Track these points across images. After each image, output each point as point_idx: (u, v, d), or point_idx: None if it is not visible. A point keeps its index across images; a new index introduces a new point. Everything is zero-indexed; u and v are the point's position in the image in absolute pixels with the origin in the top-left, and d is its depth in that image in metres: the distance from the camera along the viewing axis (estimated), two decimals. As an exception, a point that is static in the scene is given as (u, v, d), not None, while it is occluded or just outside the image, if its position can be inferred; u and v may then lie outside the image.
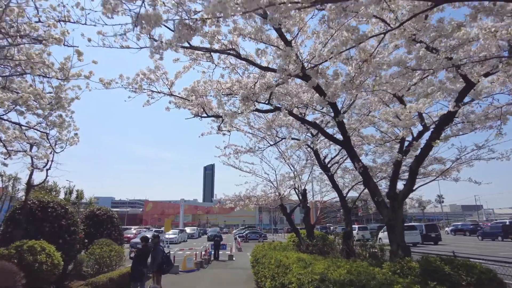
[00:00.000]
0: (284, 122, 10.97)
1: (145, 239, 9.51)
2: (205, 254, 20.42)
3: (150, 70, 7.48)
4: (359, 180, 11.76)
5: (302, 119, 7.71)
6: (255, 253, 13.00)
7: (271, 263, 8.83)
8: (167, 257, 9.64)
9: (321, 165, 10.93)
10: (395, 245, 6.62)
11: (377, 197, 6.92)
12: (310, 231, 12.59)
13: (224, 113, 6.47)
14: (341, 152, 11.12)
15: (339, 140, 7.37)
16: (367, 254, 8.69)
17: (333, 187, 11.17)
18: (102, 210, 14.98)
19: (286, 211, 13.69)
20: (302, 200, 13.01)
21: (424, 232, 35.01)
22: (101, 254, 11.85)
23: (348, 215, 10.49)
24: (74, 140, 8.77)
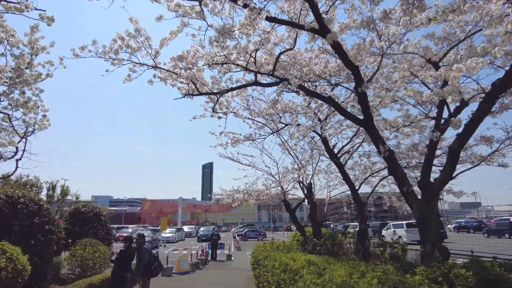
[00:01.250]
0: (288, 107, 9.70)
1: (128, 239, 8.25)
2: (201, 254, 19.14)
3: (130, 34, 6.17)
4: (372, 171, 10.53)
5: (314, 93, 6.43)
6: (255, 253, 11.74)
7: (275, 266, 7.57)
8: (155, 258, 8.38)
9: (330, 154, 9.67)
10: (430, 245, 5.38)
11: (406, 187, 5.67)
12: (317, 229, 11.34)
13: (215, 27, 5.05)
14: (352, 140, 9.88)
15: (358, 119, 6.13)
16: (388, 256, 7.45)
17: (343, 179, 9.91)
18: (88, 207, 13.68)
19: (289, 207, 12.44)
20: (307, 194, 11.75)
21: (429, 230, 33.92)
22: (83, 256, 10.58)
23: (362, 211, 9.27)
24: (44, 124, 7.46)
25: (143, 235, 8.58)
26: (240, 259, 20.79)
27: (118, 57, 6.60)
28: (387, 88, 6.58)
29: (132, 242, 8.30)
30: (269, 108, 9.68)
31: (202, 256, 18.77)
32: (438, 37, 5.49)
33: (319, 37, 5.73)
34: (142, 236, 8.53)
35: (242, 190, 11.60)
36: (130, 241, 8.23)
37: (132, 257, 8.10)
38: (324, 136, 9.38)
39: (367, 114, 5.79)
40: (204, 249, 19.64)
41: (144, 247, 8.19)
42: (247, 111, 9.81)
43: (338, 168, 9.68)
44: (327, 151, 9.72)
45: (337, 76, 6.57)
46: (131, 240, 8.29)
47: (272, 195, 11.76)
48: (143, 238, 8.46)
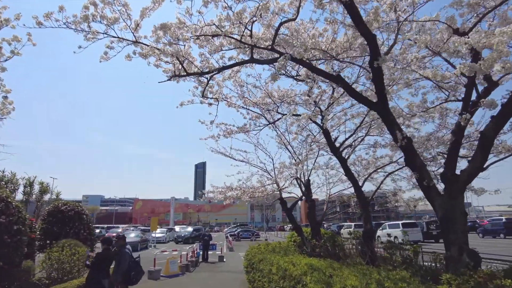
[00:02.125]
0: (286, 95, 8.84)
1: (106, 240, 7.31)
2: (192, 255, 18.20)
3: (104, 0, 5.24)
4: (376, 167, 9.71)
5: (321, 70, 5.56)
6: (249, 255, 10.87)
7: (273, 272, 6.70)
8: (136, 263, 7.43)
9: (332, 147, 8.83)
10: (457, 249, 4.56)
11: (427, 180, 4.85)
12: (316, 229, 10.51)
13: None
14: (355, 133, 9.04)
15: (371, 102, 5.29)
16: (400, 259, 6.63)
17: (346, 175, 9.09)
18: (69, 206, 12.66)
19: (286, 205, 11.58)
20: (305, 192, 10.92)
21: (425, 229, 33.36)
22: (60, 259, 9.60)
23: (366, 209, 8.45)
24: (6, 108, 6.47)
25: (124, 237, 7.63)
26: (233, 261, 19.89)
27: (92, 29, 5.67)
28: (403, 67, 5.76)
29: (111, 244, 7.34)
30: (265, 97, 8.82)
31: (192, 257, 17.84)
32: (467, 3, 4.69)
33: (327, 4, 4.89)
34: (123, 238, 7.58)
35: (235, 187, 10.71)
36: (108, 243, 7.28)
37: (110, 261, 7.17)
38: (326, 127, 8.55)
39: (382, 96, 4.96)
40: (195, 250, 18.70)
41: (125, 251, 7.24)
42: (241, 100, 8.94)
43: (341, 163, 8.85)
44: (329, 144, 8.89)
45: (347, 54, 5.72)
46: (110, 241, 7.34)
47: (268, 192, 10.90)
48: (123, 240, 7.51)
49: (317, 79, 7.00)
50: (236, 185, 10.76)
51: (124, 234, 8.19)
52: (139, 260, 7.62)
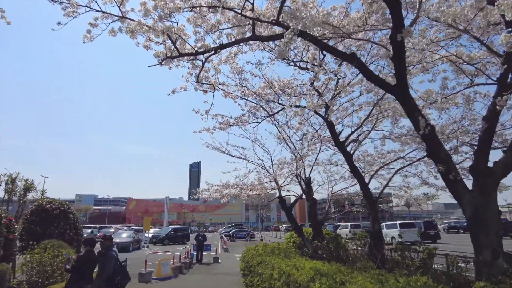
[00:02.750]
0: (287, 86, 8.20)
1: (89, 241, 6.61)
2: (186, 256, 17.48)
3: (83, -36, 4.55)
4: (382, 163, 9.08)
5: (332, 48, 4.90)
6: (246, 257, 10.23)
7: (274, 277, 6.05)
8: (122, 267, 6.72)
9: (337, 141, 8.20)
10: (490, 252, 3.96)
11: (453, 173, 4.24)
12: (317, 230, 9.89)
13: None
14: (362, 126, 8.38)
15: (389, 85, 4.66)
16: (417, 263, 5.99)
17: (351, 172, 8.46)
18: (54, 204, 11.89)
19: (285, 204, 10.95)
20: (306, 190, 10.28)
21: (422, 230, 32.91)
22: (41, 261, 8.86)
23: (374, 208, 7.84)
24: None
25: (110, 237, 6.90)
26: (228, 262, 19.20)
27: (71, 1, 4.97)
28: (422, 49, 5.14)
29: (94, 246, 6.64)
30: (265, 87, 8.17)
31: (186, 258, 17.12)
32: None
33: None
34: (109, 238, 6.85)
35: (232, 184, 10.04)
36: (91, 244, 6.58)
37: (93, 265, 6.45)
38: (330, 119, 7.92)
39: (402, 77, 4.34)
40: (189, 251, 17.98)
41: (110, 253, 6.53)
42: (239, 90, 8.26)
43: (346, 158, 8.23)
44: (333, 138, 8.25)
45: (362, 31, 5.08)
46: (93, 242, 6.65)
47: (267, 190, 10.24)
48: (109, 241, 6.79)
49: (323, 65, 6.37)
50: (232, 183, 10.12)
51: (111, 235, 7.47)
52: (125, 264, 6.91)
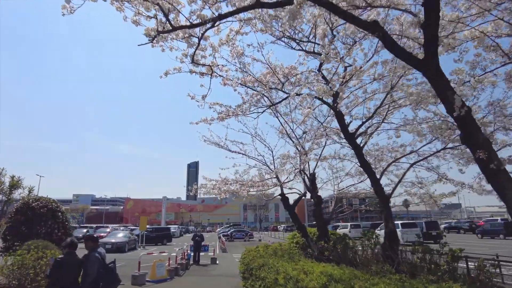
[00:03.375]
0: (291, 73, 7.49)
1: (71, 244, 5.89)
2: (182, 257, 16.75)
3: None
4: (394, 158, 8.34)
5: (350, 14, 4.17)
6: (246, 258, 9.52)
7: (279, 282, 5.35)
8: (109, 270, 5.99)
9: (346, 133, 7.49)
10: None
11: (495, 162, 3.57)
12: (323, 230, 9.20)
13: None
14: (374, 116, 7.64)
15: (417, 59, 3.96)
16: (445, 267, 5.27)
17: (361, 166, 7.75)
18: (41, 201, 11.16)
19: (288, 202, 10.26)
20: (311, 187, 9.59)
21: (424, 230, 32.34)
22: (22, 263, 8.13)
23: (387, 206, 7.14)
24: None
25: (93, 238, 6.17)
26: (226, 263, 18.50)
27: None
28: (454, 20, 4.46)
29: (76, 248, 5.94)
30: (267, 74, 7.47)
31: (183, 259, 16.39)
32: None
33: None
34: (91, 239, 6.12)
35: (231, 180, 9.33)
36: (72, 246, 5.87)
37: (74, 269, 5.74)
38: (339, 109, 7.23)
39: (433, 49, 3.66)
40: (186, 252, 17.25)
41: (93, 255, 5.81)
42: (238, 77, 7.55)
43: (356, 152, 7.54)
44: (342, 130, 7.55)
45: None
46: (74, 245, 5.92)
47: (269, 186, 9.53)
48: (93, 242, 6.06)
49: (335, 44, 5.69)
50: (232, 179, 9.42)
51: (94, 235, 6.73)
52: (113, 266, 6.19)
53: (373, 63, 6.43)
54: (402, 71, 5.97)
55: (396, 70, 5.87)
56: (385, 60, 6.05)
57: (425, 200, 8.27)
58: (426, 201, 8.24)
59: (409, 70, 5.99)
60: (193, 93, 6.54)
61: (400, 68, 5.79)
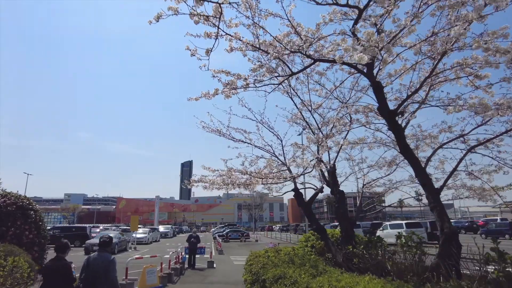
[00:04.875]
0: (319, 35, 5.90)
1: (61, 246, 5.17)
2: (176, 261, 15.09)
3: None
4: (441, 143, 6.75)
5: None
6: (254, 266, 7.93)
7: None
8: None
9: (385, 111, 5.88)
10: None
11: None
12: (348, 231, 7.64)
13: None
14: (419, 89, 6.05)
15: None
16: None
17: (402, 153, 6.16)
18: (9, 198, 9.43)
19: (302, 199, 8.69)
20: (330, 181, 8.01)
21: (429, 230, 31.06)
22: (-25, 274, 6.41)
23: (438, 200, 5.60)
24: None
25: (65, 245, 5.09)
26: (224, 267, 16.86)
27: None
28: None
29: (65, 251, 5.27)
30: (288, 33, 5.86)
31: (177, 264, 14.72)
32: None
33: None
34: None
35: (238, 171, 7.65)
36: (62, 249, 5.18)
37: (66, 276, 5.02)
38: (378, 79, 5.66)
39: None
40: (180, 255, 15.57)
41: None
42: (251, 36, 5.93)
43: (396, 135, 5.96)
44: (381, 107, 5.93)
45: None
46: (64, 247, 5.23)
47: (284, 178, 7.89)
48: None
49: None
50: (238, 169, 7.79)
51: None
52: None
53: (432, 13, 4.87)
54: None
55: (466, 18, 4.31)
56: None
57: (477, 193, 6.77)
58: (478, 194, 6.74)
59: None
60: (194, 48, 4.89)
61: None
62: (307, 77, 7.68)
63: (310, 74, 7.70)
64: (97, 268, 4.98)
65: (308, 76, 7.66)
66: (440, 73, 6.20)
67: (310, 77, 7.83)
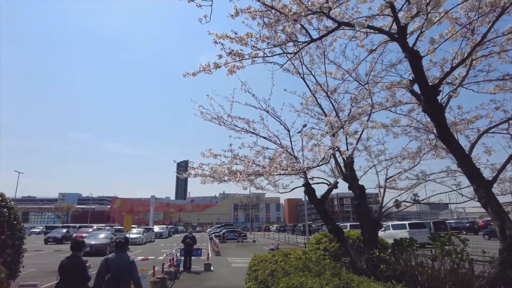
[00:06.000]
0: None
1: (77, 244, 5.21)
2: (170, 264, 13.94)
3: None
4: (488, 127, 5.67)
5: None
6: (260, 272, 6.85)
7: None
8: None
9: (424, 85, 4.77)
10: None
11: None
12: (371, 233, 6.57)
13: None
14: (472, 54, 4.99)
15: None
16: None
17: (440, 138, 5.04)
18: (-23, 194, 8.27)
19: (314, 195, 7.60)
20: (348, 175, 6.91)
21: (432, 231, 30.15)
22: None
23: (491, 193, 4.58)
24: None
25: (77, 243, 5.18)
26: (223, 270, 15.72)
27: None
28: None
29: (81, 249, 5.26)
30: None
31: (171, 267, 13.57)
32: None
33: None
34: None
35: (248, 159, 6.46)
36: (78, 248, 5.18)
37: (81, 274, 4.99)
38: (417, 48, 4.59)
39: None
40: (175, 258, 14.42)
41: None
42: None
43: (436, 114, 4.87)
44: (418, 80, 4.82)
45: None
46: (79, 245, 5.22)
47: (299, 168, 6.75)
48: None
49: None
50: (247, 156, 6.63)
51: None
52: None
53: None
54: None
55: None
56: None
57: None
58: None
59: None
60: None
61: None
62: (323, 53, 6.58)
63: (327, 51, 6.61)
64: (119, 269, 5.03)
65: (324, 52, 6.55)
66: (488, 42, 5.14)
67: (326, 56, 6.74)
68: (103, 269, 5.04)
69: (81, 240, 5.36)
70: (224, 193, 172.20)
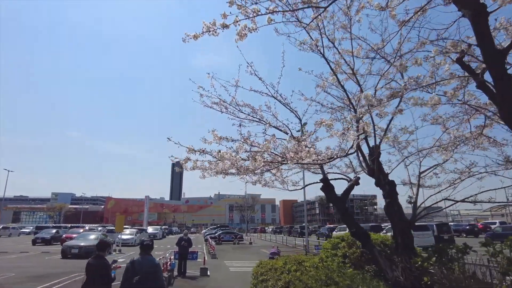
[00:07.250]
0: None
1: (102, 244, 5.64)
2: (164, 269, 12.75)
3: None
4: None
5: None
6: (268, 281, 5.80)
7: None
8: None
9: (488, 44, 3.74)
10: None
11: None
12: (405, 237, 5.53)
13: None
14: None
15: None
16: None
17: (503, 118, 4.07)
18: None
19: (333, 192, 6.52)
20: (376, 169, 5.84)
21: (435, 233, 29.17)
22: None
23: None
24: None
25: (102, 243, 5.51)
26: (220, 274, 14.57)
27: None
28: None
29: (105, 249, 5.53)
30: None
31: (164, 272, 12.37)
32: None
33: None
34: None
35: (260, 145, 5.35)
36: (102, 248, 5.51)
37: (104, 275, 5.23)
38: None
39: None
40: (169, 262, 13.23)
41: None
42: None
43: (501, 87, 3.85)
44: (483, 44, 3.77)
45: None
46: (104, 245, 5.54)
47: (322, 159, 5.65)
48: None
49: None
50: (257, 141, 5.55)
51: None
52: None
53: None
54: None
55: None
56: None
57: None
58: None
59: None
60: None
61: None
62: (349, 25, 5.50)
63: (353, 20, 5.53)
64: (146, 271, 4.99)
65: (351, 21, 5.47)
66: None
67: (351, 25, 5.66)
68: (128, 271, 5.01)
69: (105, 240, 4.90)
70: (219, 193, 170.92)
